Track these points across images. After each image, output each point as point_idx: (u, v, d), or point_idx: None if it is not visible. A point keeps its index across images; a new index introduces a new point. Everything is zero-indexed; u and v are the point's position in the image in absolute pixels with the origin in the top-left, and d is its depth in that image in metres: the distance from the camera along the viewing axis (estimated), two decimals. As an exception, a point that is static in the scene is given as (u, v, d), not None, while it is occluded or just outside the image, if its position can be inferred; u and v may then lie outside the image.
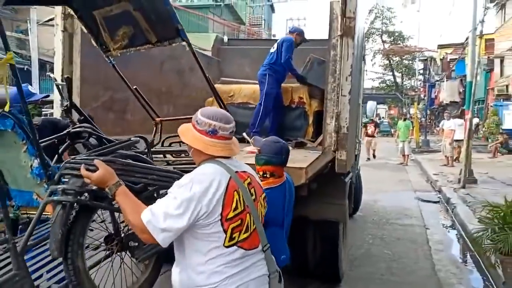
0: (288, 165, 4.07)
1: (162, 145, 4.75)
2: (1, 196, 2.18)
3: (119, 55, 3.95)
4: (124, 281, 2.69)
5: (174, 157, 4.16)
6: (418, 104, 36.38)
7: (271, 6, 43.02)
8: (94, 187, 2.27)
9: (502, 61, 26.75)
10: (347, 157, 4.13)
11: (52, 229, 2.22)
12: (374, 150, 18.67)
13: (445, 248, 6.68)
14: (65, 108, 3.48)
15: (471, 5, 12.15)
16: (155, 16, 3.58)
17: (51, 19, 4.76)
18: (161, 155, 4.18)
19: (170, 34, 3.67)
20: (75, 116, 3.55)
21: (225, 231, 2.04)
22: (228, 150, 2.17)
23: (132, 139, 2.99)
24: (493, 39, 26.13)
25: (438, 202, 10.38)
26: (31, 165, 2.41)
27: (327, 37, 4.25)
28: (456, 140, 16.37)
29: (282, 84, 6.61)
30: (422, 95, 44.90)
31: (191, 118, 2.23)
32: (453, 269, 5.70)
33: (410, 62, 45.26)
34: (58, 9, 4.80)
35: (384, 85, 47.54)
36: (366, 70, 29.11)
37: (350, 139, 4.30)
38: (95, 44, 3.95)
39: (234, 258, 2.08)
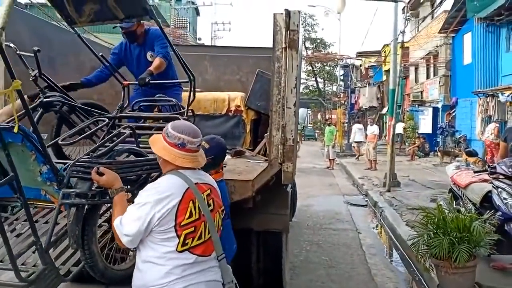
0: (233, 177, 4.02)
1: (132, 110, 4.55)
2: (25, 204, 2.38)
3: (84, 27, 4.09)
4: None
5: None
6: (340, 108, 37.69)
7: (196, 9, 42.69)
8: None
9: (416, 69, 28.52)
10: (293, 169, 4.14)
11: (70, 227, 2.59)
12: None
13: (378, 252, 6.91)
14: (34, 78, 3.61)
15: (392, 16, 12.80)
16: None
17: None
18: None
19: (138, 12, 3.82)
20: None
21: (178, 237, 2.22)
22: (194, 162, 2.37)
23: (122, 131, 3.29)
24: (408, 47, 27.74)
25: (366, 205, 10.78)
26: (39, 170, 2.73)
27: (256, 45, 4.30)
28: (356, 142, 19.27)
29: (217, 93, 6.60)
30: (342, 101, 46.62)
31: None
32: (388, 274, 5.90)
33: (332, 68, 46.89)
34: None
35: (308, 90, 48.89)
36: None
37: (295, 150, 4.31)
38: (60, 17, 4.01)
39: (185, 262, 2.23)
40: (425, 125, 23.64)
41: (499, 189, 5.05)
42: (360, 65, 39.94)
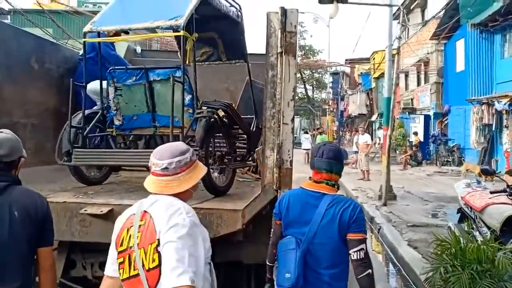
0: (219, 206, 3.39)
1: None
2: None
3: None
4: None
5: None
6: (329, 115, 37.33)
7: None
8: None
9: (406, 76, 28.11)
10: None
11: (199, 131, 3.63)
12: None
13: (380, 278, 6.25)
14: None
15: (384, 22, 12.29)
16: (231, 43, 4.92)
17: None
18: None
19: (237, 56, 5.03)
20: None
21: (118, 264, 2.04)
22: (159, 187, 2.06)
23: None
24: (398, 54, 27.37)
25: (362, 220, 10.16)
26: (183, 99, 3.67)
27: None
28: (305, 149, 20.26)
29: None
30: (331, 108, 46.27)
31: None
32: (394, 305, 5.29)
33: (321, 75, 46.52)
34: None
35: (297, 97, 48.53)
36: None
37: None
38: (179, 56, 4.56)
39: None
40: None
41: (522, 213, 4.46)
42: (359, 74, 39.69)
